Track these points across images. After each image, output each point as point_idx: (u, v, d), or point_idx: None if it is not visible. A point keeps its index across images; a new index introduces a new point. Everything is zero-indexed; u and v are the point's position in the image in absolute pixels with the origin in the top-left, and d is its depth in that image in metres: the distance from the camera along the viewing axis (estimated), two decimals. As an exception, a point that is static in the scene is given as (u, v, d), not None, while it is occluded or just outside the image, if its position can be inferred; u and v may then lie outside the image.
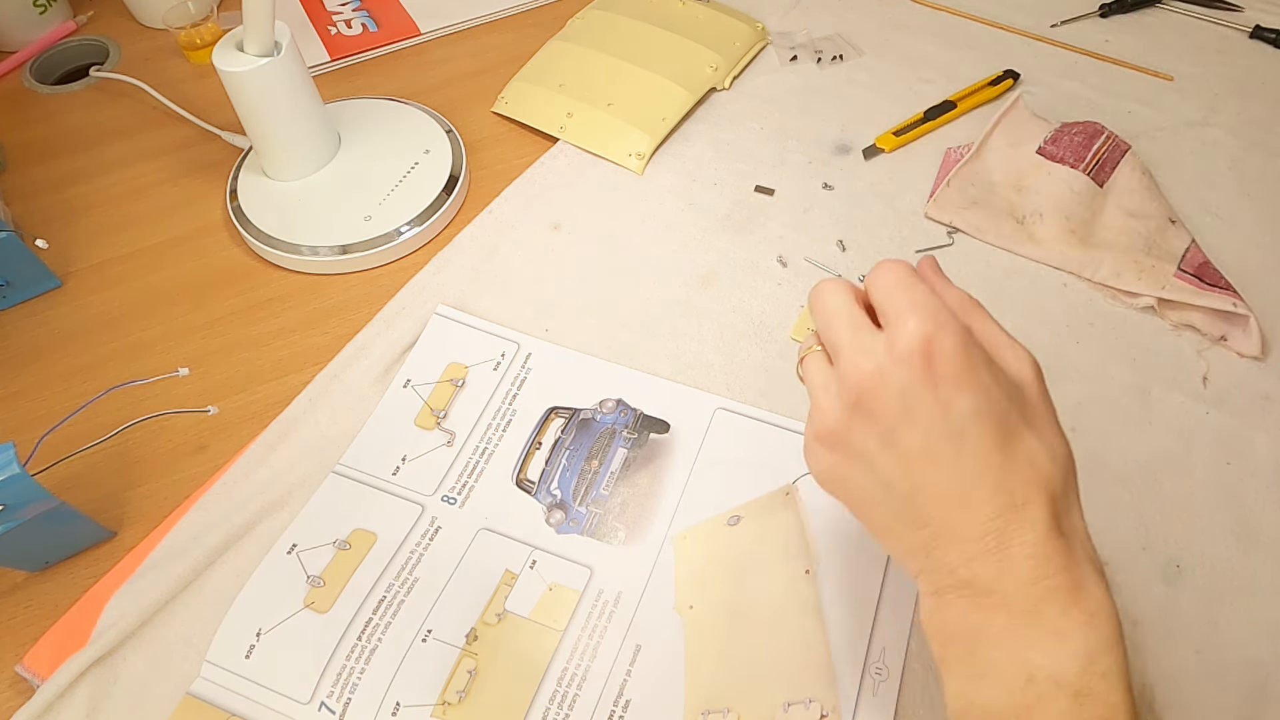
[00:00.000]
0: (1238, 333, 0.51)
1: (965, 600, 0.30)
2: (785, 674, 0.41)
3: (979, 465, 0.30)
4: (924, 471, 0.31)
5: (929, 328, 0.30)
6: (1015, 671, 0.29)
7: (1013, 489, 0.30)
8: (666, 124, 0.64)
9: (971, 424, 0.30)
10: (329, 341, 0.54)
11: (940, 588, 0.31)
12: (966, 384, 0.30)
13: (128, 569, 0.44)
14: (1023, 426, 0.31)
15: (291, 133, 0.58)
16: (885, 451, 0.31)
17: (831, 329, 0.33)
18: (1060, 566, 0.29)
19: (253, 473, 0.48)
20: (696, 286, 0.56)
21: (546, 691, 0.41)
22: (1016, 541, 0.29)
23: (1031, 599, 0.29)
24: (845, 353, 0.32)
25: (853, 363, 0.31)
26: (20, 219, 0.62)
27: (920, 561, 0.32)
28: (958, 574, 0.30)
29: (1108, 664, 0.28)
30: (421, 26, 0.75)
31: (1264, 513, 0.46)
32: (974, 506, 0.30)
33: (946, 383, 0.30)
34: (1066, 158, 0.58)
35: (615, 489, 0.47)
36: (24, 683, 0.42)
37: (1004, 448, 0.30)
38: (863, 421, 0.31)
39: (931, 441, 0.30)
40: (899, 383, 0.30)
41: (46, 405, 0.52)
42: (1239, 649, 0.41)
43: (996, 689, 0.29)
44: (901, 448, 0.31)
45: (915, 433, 0.30)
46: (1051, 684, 0.28)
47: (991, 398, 0.30)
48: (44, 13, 0.75)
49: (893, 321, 0.31)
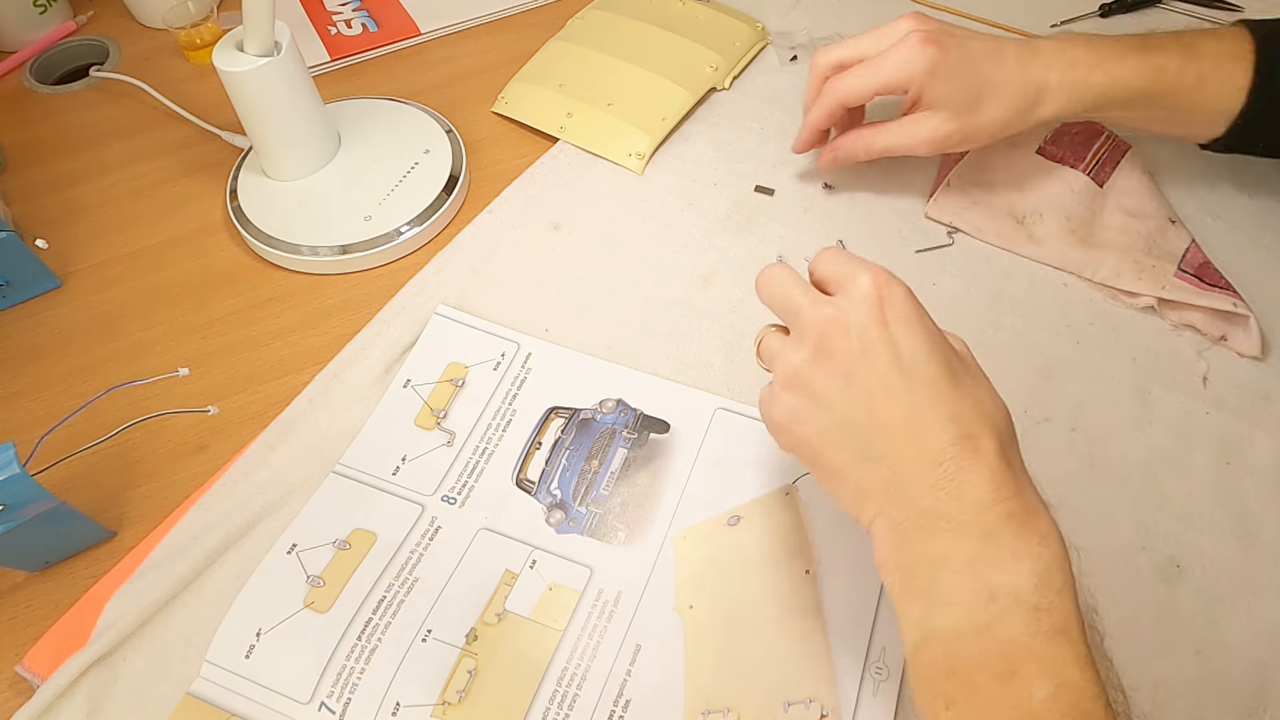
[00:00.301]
0: (1238, 333, 0.51)
1: (925, 530, 0.32)
2: (785, 674, 0.41)
3: (932, 397, 0.33)
4: (881, 404, 0.33)
5: (880, 280, 0.34)
6: (977, 591, 0.31)
7: (964, 420, 0.32)
8: (666, 124, 0.65)
9: (922, 360, 0.33)
10: (329, 341, 0.54)
11: (900, 521, 0.33)
12: (915, 326, 0.34)
13: (128, 569, 0.44)
14: (966, 376, 0.34)
15: (291, 133, 0.58)
16: (846, 390, 0.34)
17: (789, 298, 0.37)
18: (1013, 491, 0.31)
19: (253, 473, 0.48)
20: (696, 286, 0.56)
21: (546, 691, 0.41)
22: (971, 468, 0.32)
23: (988, 522, 0.31)
24: (805, 310, 0.36)
25: (814, 312, 0.35)
26: (20, 219, 0.62)
27: (879, 500, 0.34)
28: (918, 504, 0.32)
29: (1060, 580, 0.30)
30: (421, 26, 0.75)
31: (1264, 513, 0.46)
32: (930, 435, 0.32)
33: (898, 323, 0.34)
34: (1067, 157, 0.58)
35: (615, 489, 0.47)
36: (24, 683, 0.42)
37: (954, 384, 0.33)
38: (824, 362, 0.35)
39: (888, 375, 0.33)
40: (857, 323, 0.34)
41: (46, 405, 0.52)
42: (1239, 649, 0.42)
43: (958, 610, 0.31)
44: (860, 384, 0.34)
45: (873, 367, 0.33)
46: (1011, 600, 0.30)
47: (936, 342, 0.34)
48: (44, 13, 0.75)
49: (846, 282, 0.35)
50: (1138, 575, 0.44)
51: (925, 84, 0.50)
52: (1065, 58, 0.50)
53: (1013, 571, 0.30)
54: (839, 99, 0.53)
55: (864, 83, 0.51)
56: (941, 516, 0.32)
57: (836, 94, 0.53)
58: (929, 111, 0.51)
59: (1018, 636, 0.29)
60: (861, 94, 0.52)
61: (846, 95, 0.52)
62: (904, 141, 0.53)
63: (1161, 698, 0.40)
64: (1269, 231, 0.57)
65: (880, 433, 0.33)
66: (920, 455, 0.32)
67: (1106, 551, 0.45)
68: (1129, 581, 0.44)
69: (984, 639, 0.30)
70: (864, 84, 0.51)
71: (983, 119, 0.51)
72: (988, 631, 0.30)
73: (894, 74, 0.50)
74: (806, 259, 0.57)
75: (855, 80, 0.52)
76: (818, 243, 0.58)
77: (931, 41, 0.49)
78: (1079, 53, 0.50)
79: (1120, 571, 0.44)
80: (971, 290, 0.55)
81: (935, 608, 0.32)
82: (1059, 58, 0.50)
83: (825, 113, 0.54)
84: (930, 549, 0.32)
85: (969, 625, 0.30)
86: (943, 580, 0.31)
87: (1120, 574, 0.44)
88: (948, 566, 0.31)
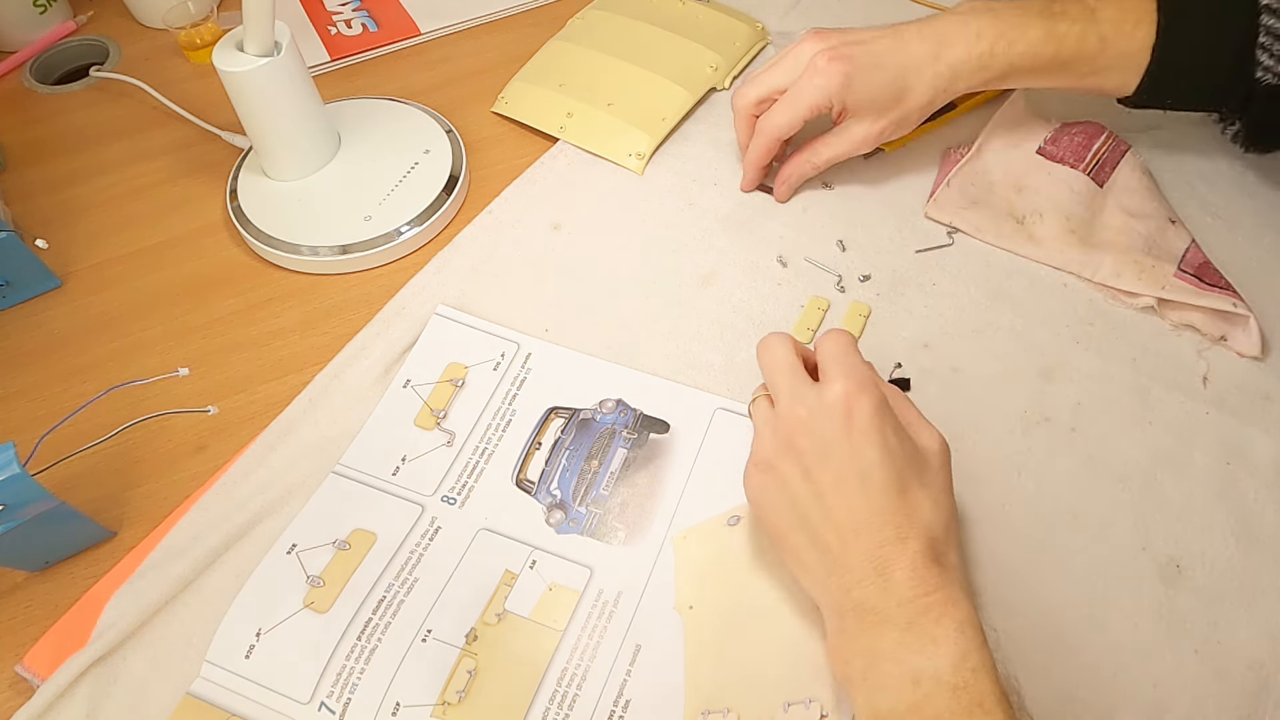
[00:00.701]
0: (1238, 333, 0.51)
1: (860, 620, 0.36)
2: (785, 674, 0.41)
3: (876, 503, 0.36)
4: (833, 503, 0.37)
5: (852, 389, 0.38)
6: (903, 676, 0.34)
7: (899, 525, 0.36)
8: (666, 124, 0.64)
9: (875, 469, 0.37)
10: (329, 341, 0.54)
11: (840, 610, 0.37)
12: (875, 439, 0.37)
13: (128, 569, 0.44)
14: (916, 483, 0.37)
15: (291, 133, 0.58)
16: (805, 483, 0.38)
17: (774, 378, 0.41)
18: (935, 586, 0.35)
19: (253, 473, 0.48)
20: (696, 286, 0.56)
21: (546, 691, 0.41)
22: (897, 566, 0.35)
23: (910, 614, 0.35)
24: (783, 400, 0.40)
25: (789, 407, 0.39)
26: (20, 219, 0.62)
27: (823, 586, 0.38)
28: (851, 595, 0.36)
29: (976, 661, 0.34)
30: (421, 26, 0.75)
31: (1264, 513, 0.46)
32: (866, 536, 0.36)
33: (859, 435, 0.37)
34: (1066, 158, 0.58)
35: (615, 489, 0.47)
36: (24, 683, 0.42)
37: (899, 494, 0.37)
38: (791, 455, 0.39)
39: (842, 479, 0.37)
40: (822, 430, 0.38)
41: (46, 405, 0.52)
42: (1239, 649, 0.42)
43: (892, 694, 0.34)
44: (817, 482, 0.38)
45: (830, 470, 0.37)
46: (934, 683, 0.34)
47: (893, 454, 0.37)
48: (44, 13, 0.75)
49: (826, 380, 0.39)
50: (1138, 575, 0.44)
51: (845, 97, 0.53)
52: (970, 31, 0.52)
53: (933, 656, 0.34)
54: (773, 135, 0.56)
55: (790, 115, 0.55)
56: (871, 609, 0.36)
57: (770, 132, 0.56)
58: (855, 118, 0.55)
59: (942, 713, 0.33)
60: (791, 125, 0.55)
61: (778, 130, 0.56)
62: (844, 149, 0.57)
63: (1161, 698, 0.40)
64: (1269, 231, 0.57)
65: (829, 527, 0.37)
66: (856, 552, 0.36)
67: (1106, 551, 0.45)
68: (1129, 581, 0.44)
69: (919, 716, 0.34)
70: (790, 116, 0.55)
71: (908, 108, 0.55)
72: (917, 711, 0.34)
73: (815, 99, 0.53)
74: (807, 259, 0.57)
75: (782, 115, 0.55)
76: (818, 243, 0.58)
77: (838, 58, 0.52)
78: (983, 24, 0.52)
79: (1120, 571, 0.44)
80: (971, 290, 0.55)
81: (874, 692, 0.35)
82: (963, 32, 0.52)
83: (763, 151, 0.58)
84: (864, 639, 0.36)
85: (903, 706, 0.34)
86: (877, 667, 0.35)
87: (1120, 574, 0.44)
88: (879, 654, 0.35)
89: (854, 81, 0.52)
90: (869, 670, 0.35)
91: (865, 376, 0.38)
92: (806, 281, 0.56)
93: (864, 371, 0.39)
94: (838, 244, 0.58)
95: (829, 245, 0.58)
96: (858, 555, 0.36)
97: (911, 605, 0.35)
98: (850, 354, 0.39)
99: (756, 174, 0.60)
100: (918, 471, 0.38)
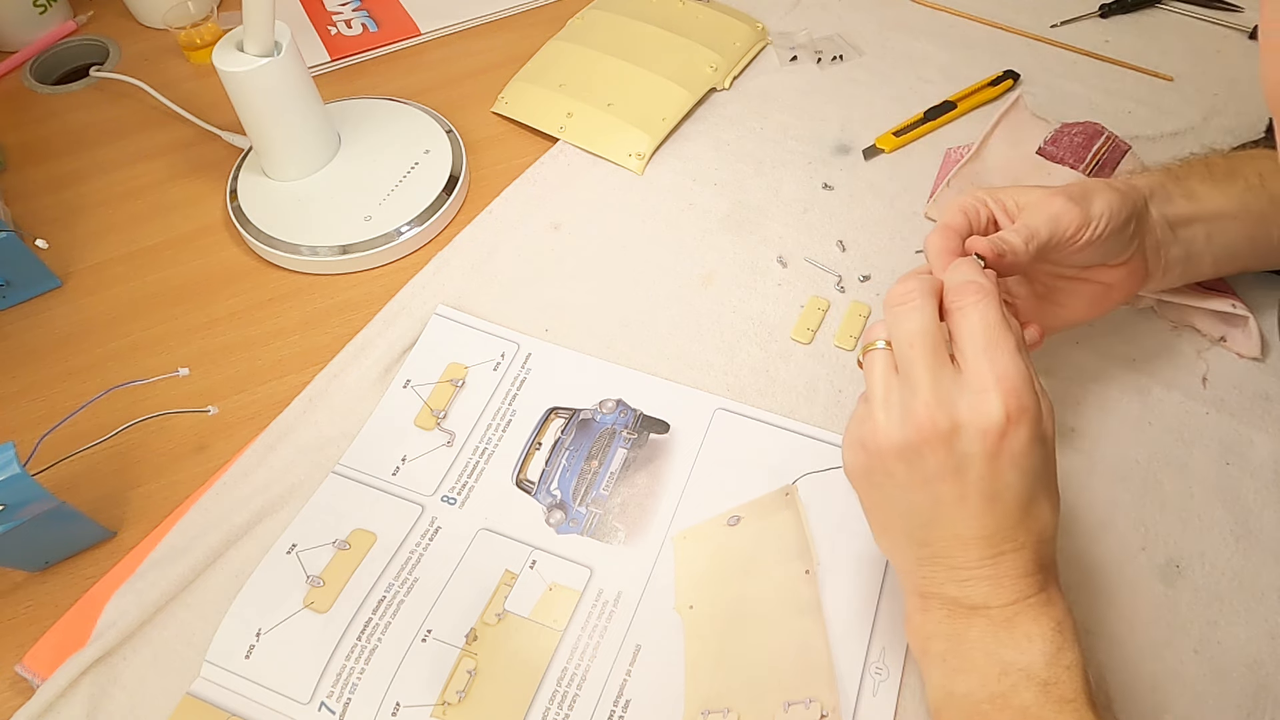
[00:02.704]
0: (1237, 334, 0.51)
1: (945, 609, 0.35)
2: (785, 674, 0.41)
3: (1001, 522, 0.34)
4: (950, 512, 0.34)
5: (1013, 412, 0.32)
6: (991, 665, 0.33)
7: (1018, 536, 0.34)
8: (666, 124, 0.65)
9: (1009, 492, 0.33)
10: (329, 341, 0.54)
11: (925, 594, 0.36)
12: (1022, 465, 0.33)
13: (128, 569, 0.44)
14: (1043, 493, 0.34)
15: (291, 133, 0.58)
16: (921, 489, 0.34)
17: (908, 358, 0.34)
18: (1037, 587, 0.34)
19: (252, 473, 0.48)
20: (696, 286, 0.56)
21: (546, 691, 0.41)
22: (1008, 573, 0.34)
23: (1010, 613, 0.34)
24: (921, 396, 0.33)
25: (927, 411, 0.33)
26: (20, 219, 0.62)
27: (909, 570, 0.36)
28: (945, 591, 0.35)
29: (1070, 659, 0.33)
30: (421, 26, 0.75)
31: (1264, 513, 0.46)
32: (979, 548, 0.34)
33: (1005, 460, 0.33)
34: (1066, 158, 0.58)
35: (615, 489, 0.47)
36: (24, 683, 0.42)
37: (1026, 509, 0.34)
38: (911, 461, 0.34)
39: (971, 496, 0.33)
40: (963, 448, 0.33)
41: (46, 405, 0.52)
42: (1239, 649, 0.42)
43: (973, 680, 0.34)
44: (938, 492, 0.34)
45: (957, 487, 0.33)
46: (1023, 675, 0.33)
47: (1032, 474, 0.34)
48: (44, 13, 0.75)
49: (977, 388, 0.33)
50: (1138, 575, 0.44)
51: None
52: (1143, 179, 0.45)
53: (1026, 651, 0.33)
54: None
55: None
56: (968, 605, 0.34)
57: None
58: None
59: (1029, 705, 0.32)
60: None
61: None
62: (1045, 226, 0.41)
63: (1161, 698, 0.40)
64: (1269, 232, 0.57)
65: (938, 533, 0.35)
66: (963, 557, 0.34)
67: (1106, 551, 0.45)
68: (1129, 581, 0.44)
69: (998, 705, 0.33)
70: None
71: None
72: (1000, 700, 0.33)
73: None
74: (807, 259, 0.57)
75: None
76: (818, 243, 0.58)
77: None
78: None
79: (1120, 571, 0.44)
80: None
81: (954, 674, 0.34)
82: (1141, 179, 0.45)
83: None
84: (951, 625, 0.35)
85: (983, 694, 0.33)
86: (959, 652, 0.34)
87: (1120, 574, 0.44)
88: (966, 641, 0.34)
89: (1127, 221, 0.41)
90: (950, 653, 0.35)
91: (1026, 389, 0.33)
92: (806, 281, 0.56)
93: (1021, 380, 0.33)
94: (838, 244, 0.58)
95: (829, 245, 0.58)
96: (964, 559, 0.34)
97: (1014, 606, 0.34)
98: (1003, 342, 0.33)
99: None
100: (1048, 480, 0.35)
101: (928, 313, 0.34)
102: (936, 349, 0.34)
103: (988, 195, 0.42)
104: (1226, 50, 0.70)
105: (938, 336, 0.34)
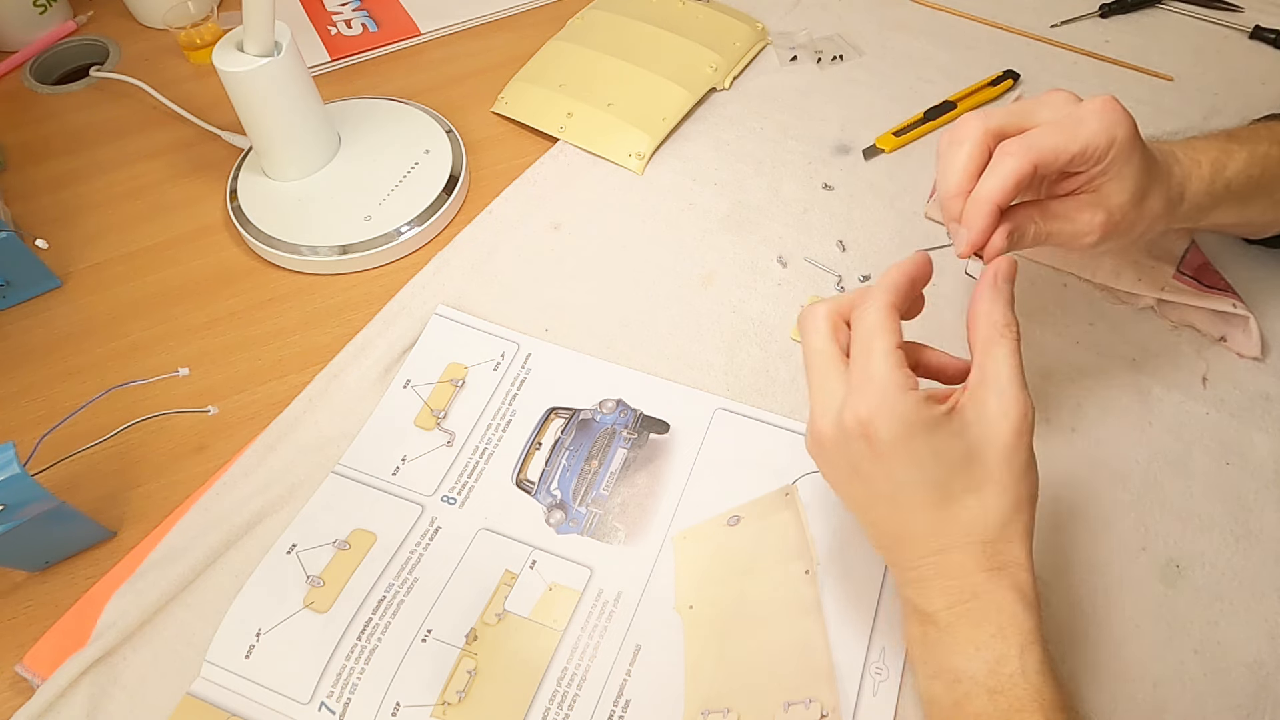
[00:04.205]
0: (1237, 333, 0.51)
1: (916, 615, 0.37)
2: (785, 674, 0.41)
3: (913, 519, 0.36)
4: (874, 515, 0.37)
5: (865, 412, 0.34)
6: (948, 672, 0.35)
7: (938, 537, 0.35)
8: (666, 124, 0.65)
9: (904, 491, 0.35)
10: (329, 341, 0.54)
11: (902, 597, 0.38)
12: (902, 459, 0.34)
13: (128, 569, 0.44)
14: (961, 489, 0.35)
15: (291, 133, 0.58)
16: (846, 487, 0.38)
17: (807, 367, 0.38)
18: (973, 593, 0.35)
19: (252, 473, 0.48)
20: (696, 286, 0.56)
21: (546, 691, 0.41)
22: (935, 576, 0.35)
23: (951, 617, 0.35)
24: (813, 404, 0.37)
25: (817, 418, 0.37)
26: (20, 219, 0.62)
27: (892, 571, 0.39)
28: (905, 593, 0.37)
29: (1014, 667, 0.33)
30: (421, 26, 0.75)
31: (1264, 513, 0.46)
32: (908, 547, 0.36)
33: (885, 458, 0.34)
34: (1066, 158, 0.58)
35: (615, 489, 0.47)
36: (24, 683, 0.42)
37: (938, 507, 0.35)
38: (829, 461, 0.38)
39: (876, 497, 0.36)
40: (849, 453, 0.36)
41: (46, 405, 0.52)
42: (1239, 649, 0.42)
43: (940, 686, 0.35)
44: (854, 493, 0.37)
45: (865, 486, 0.36)
46: (973, 683, 0.34)
47: (926, 469, 0.34)
48: (44, 13, 0.75)
49: (850, 385, 0.35)
50: (1138, 575, 0.44)
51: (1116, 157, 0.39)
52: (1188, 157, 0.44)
53: (972, 659, 0.34)
54: (1030, 161, 0.38)
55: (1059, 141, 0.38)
56: (923, 610, 0.36)
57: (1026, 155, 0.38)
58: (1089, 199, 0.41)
59: (982, 713, 0.34)
60: (1058, 154, 0.38)
61: (1039, 155, 0.38)
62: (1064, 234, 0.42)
63: (1161, 698, 0.40)
64: (1269, 232, 0.57)
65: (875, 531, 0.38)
66: (902, 558, 0.37)
67: (1106, 551, 0.45)
68: (1129, 581, 0.44)
69: (958, 712, 0.34)
70: (1060, 141, 0.38)
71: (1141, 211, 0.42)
72: (959, 708, 0.34)
73: (1094, 137, 0.38)
74: (807, 259, 0.57)
75: (1049, 139, 0.39)
76: (818, 243, 0.58)
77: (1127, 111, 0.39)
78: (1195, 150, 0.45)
79: (1120, 571, 0.44)
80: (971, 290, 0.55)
81: (927, 680, 0.36)
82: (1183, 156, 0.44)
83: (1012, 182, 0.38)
84: (917, 628, 0.37)
85: (947, 699, 0.35)
86: (929, 657, 0.36)
87: (1120, 574, 0.44)
88: (930, 645, 0.36)
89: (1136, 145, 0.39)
90: (920, 659, 0.37)
91: (886, 385, 0.34)
92: (806, 281, 0.56)
93: (885, 377, 0.34)
94: (838, 244, 0.58)
95: (829, 245, 0.58)
96: (903, 561, 0.37)
97: (949, 611, 0.35)
98: (875, 343, 0.35)
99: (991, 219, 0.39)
100: (965, 475, 0.35)
101: (824, 331, 0.38)
102: (826, 360, 0.37)
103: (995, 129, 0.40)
104: (1226, 50, 0.70)
105: (832, 352, 0.37)
